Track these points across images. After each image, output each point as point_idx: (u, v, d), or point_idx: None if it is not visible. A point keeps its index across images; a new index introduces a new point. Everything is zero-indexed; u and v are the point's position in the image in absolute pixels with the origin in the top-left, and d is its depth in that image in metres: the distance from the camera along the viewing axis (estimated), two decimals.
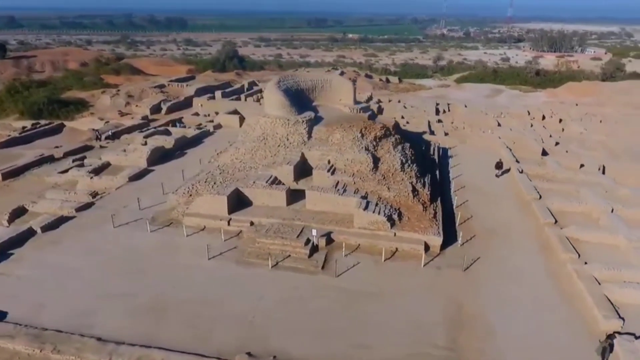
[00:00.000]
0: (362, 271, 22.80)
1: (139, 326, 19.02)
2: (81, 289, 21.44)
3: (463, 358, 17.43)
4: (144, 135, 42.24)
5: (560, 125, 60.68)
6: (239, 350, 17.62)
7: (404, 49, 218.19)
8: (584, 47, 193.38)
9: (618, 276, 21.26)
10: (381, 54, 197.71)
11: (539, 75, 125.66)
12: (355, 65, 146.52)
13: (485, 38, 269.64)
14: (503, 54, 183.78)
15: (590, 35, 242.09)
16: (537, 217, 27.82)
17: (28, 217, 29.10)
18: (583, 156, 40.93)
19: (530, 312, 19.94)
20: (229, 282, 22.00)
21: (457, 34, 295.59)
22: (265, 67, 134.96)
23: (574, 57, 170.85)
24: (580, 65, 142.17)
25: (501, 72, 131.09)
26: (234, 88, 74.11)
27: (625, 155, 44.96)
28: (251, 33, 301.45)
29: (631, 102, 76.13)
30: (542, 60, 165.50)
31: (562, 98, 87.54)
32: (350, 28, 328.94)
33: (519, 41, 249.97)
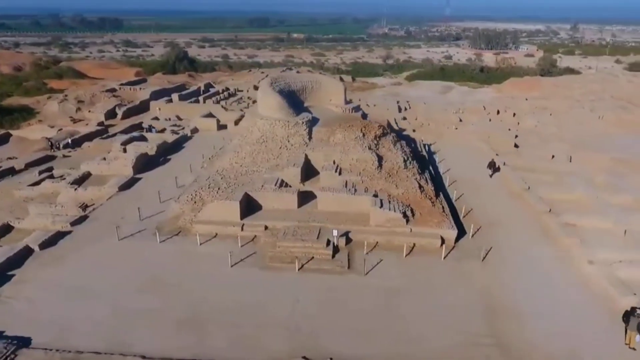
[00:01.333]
0: (388, 268, 23.27)
1: (181, 340, 18.39)
2: (103, 306, 20.34)
3: (507, 343, 18.33)
4: (121, 143, 40.31)
5: (515, 119, 64.15)
6: (292, 355, 17.52)
7: (350, 48, 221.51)
8: (518, 45, 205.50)
9: (621, 256, 23.10)
10: (329, 53, 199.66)
11: (483, 72, 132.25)
12: (305, 65, 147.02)
13: (426, 36, 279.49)
14: (445, 52, 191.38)
15: (521, 33, 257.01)
16: (532, 206, 29.57)
17: (16, 234, 27.18)
18: (548, 147, 43.81)
19: (551, 295, 21.26)
20: (260, 288, 21.70)
21: (399, 33, 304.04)
22: (216, 68, 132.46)
23: (508, 54, 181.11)
24: (517, 62, 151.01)
25: (448, 70, 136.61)
26: (190, 90, 72.31)
27: (580, 145, 48.52)
28: (192, 33, 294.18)
29: (572, 96, 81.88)
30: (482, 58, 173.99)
31: (508, 93, 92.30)
32: (293, 28, 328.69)
33: (457, 39, 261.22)
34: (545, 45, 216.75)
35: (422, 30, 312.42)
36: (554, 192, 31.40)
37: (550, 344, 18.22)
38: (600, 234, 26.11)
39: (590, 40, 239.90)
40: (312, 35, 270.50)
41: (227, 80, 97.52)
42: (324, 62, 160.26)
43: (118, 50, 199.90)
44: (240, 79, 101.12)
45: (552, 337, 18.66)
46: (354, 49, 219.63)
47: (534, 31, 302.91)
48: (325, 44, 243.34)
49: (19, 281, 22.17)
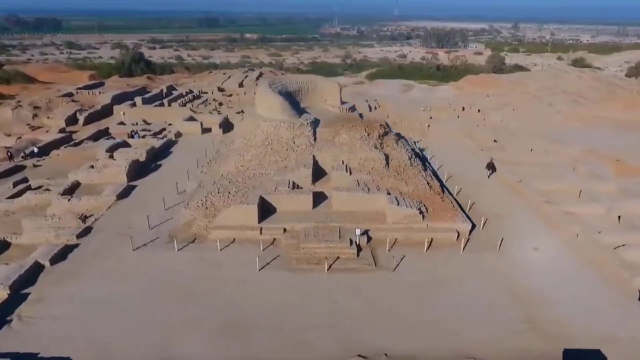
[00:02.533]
0: (412, 263, 23.92)
1: (228, 347, 18.16)
2: (136, 319, 19.69)
3: (540, 327, 19.40)
4: (106, 149, 38.68)
5: (480, 115, 66.98)
6: (345, 354, 17.74)
7: (305, 48, 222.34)
8: (466, 43, 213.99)
9: (622, 241, 24.95)
10: (285, 53, 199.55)
11: (439, 70, 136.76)
12: (263, 66, 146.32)
13: (378, 36, 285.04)
14: (399, 51, 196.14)
15: (467, 32, 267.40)
16: (529, 197, 31.20)
17: (14, 251, 25.67)
18: (521, 141, 46.22)
19: (568, 280, 22.68)
20: (293, 291, 21.72)
21: (351, 33, 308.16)
22: (174, 70, 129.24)
23: (459, 52, 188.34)
24: (468, 60, 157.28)
25: (406, 68, 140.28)
26: (153, 93, 70.41)
27: (548, 138, 51.49)
28: (139, 34, 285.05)
29: (528, 91, 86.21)
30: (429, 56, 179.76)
31: (467, 90, 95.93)
32: (244, 28, 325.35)
33: (408, 39, 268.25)
34: (491, 43, 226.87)
35: (373, 30, 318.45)
36: (544, 183, 33.27)
37: (579, 324, 19.48)
38: (597, 221, 28.03)
39: (532, 39, 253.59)
40: (265, 35, 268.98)
41: (189, 82, 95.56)
42: (283, 62, 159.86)
43: (62, 52, 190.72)
44: (202, 80, 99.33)
45: (578, 317, 19.95)
46: (309, 49, 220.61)
47: (478, 30, 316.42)
48: (279, 44, 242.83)
49: (36, 300, 21.00)
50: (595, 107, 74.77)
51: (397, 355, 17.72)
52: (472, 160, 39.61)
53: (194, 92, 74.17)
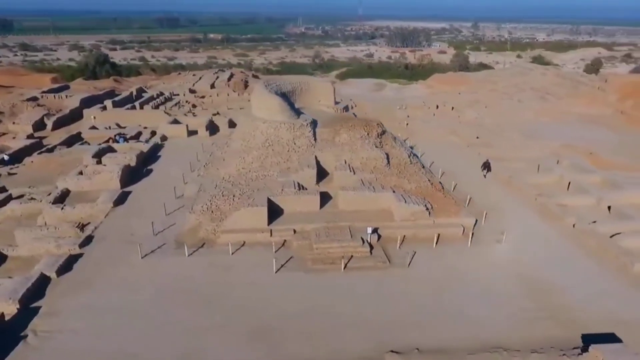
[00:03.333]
0: (424, 259, 24.45)
1: (260, 351, 18.09)
2: (161, 328, 19.30)
3: (556, 315, 20.31)
4: (92, 155, 37.41)
5: (454, 113, 68.80)
6: (378, 351, 18.01)
7: (272, 48, 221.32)
8: (430, 43, 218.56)
9: (616, 229, 26.36)
10: (251, 54, 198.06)
11: (407, 69, 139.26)
12: (231, 66, 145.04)
13: (343, 35, 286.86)
14: (366, 50, 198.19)
15: (429, 32, 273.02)
16: (522, 191, 32.41)
17: (12, 263, 24.64)
18: (499, 137, 47.89)
19: (573, 268, 23.81)
20: (313, 291, 21.81)
21: (316, 32, 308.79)
22: (141, 72, 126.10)
23: (423, 51, 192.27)
24: (433, 59, 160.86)
25: (375, 68, 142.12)
26: (123, 96, 68.69)
27: (522, 134, 53.52)
28: (96, 35, 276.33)
29: (496, 89, 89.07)
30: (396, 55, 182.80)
31: (437, 89, 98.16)
32: (206, 28, 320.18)
33: (372, 38, 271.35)
34: (453, 42, 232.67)
35: (338, 30, 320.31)
36: (534, 177, 34.63)
37: (590, 310, 20.51)
38: (589, 212, 29.48)
39: (492, 38, 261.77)
40: (230, 36, 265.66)
41: (158, 84, 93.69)
42: (251, 63, 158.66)
43: (16, 54, 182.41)
44: (171, 82, 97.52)
45: (588, 304, 20.99)
46: (275, 49, 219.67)
47: (440, 29, 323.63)
48: (245, 44, 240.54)
49: (49, 313, 20.21)
50: (561, 102, 78.18)
51: (428, 348, 18.13)
52: (461, 156, 40.69)
53: (165, 94, 72.75)
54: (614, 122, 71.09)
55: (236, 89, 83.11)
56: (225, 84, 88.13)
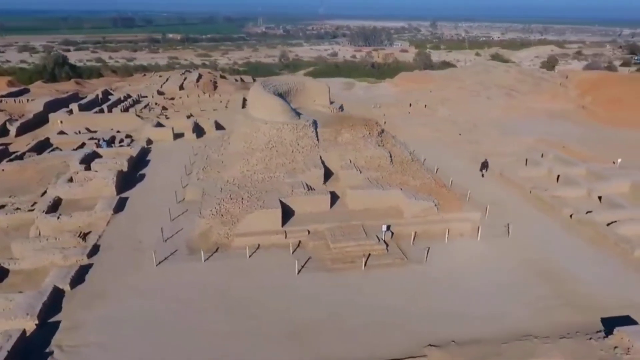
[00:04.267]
0: (438, 254, 25.04)
1: (302, 353, 18.07)
2: (190, 337, 18.90)
3: (572, 301, 21.32)
4: (79, 161, 35.91)
5: (427, 110, 70.45)
6: (418, 345, 18.38)
7: (234, 48, 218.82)
8: (392, 42, 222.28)
9: (610, 218, 27.91)
10: (214, 54, 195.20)
11: (374, 68, 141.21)
12: (194, 66, 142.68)
13: (305, 35, 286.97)
14: (329, 50, 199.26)
15: (390, 31, 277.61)
16: (516, 185, 33.71)
17: (15, 278, 23.47)
18: (478, 133, 49.61)
19: (578, 256, 25.05)
20: (339, 290, 21.95)
21: (278, 32, 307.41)
22: (103, 74, 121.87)
23: (385, 50, 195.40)
24: (396, 58, 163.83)
25: (343, 67, 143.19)
26: (89, 99, 66.46)
27: (499, 129, 55.60)
28: (47, 35, 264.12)
29: (463, 87, 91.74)
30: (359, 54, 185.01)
31: (405, 87, 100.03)
32: (163, 27, 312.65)
33: (334, 37, 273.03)
34: (414, 41, 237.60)
35: (299, 29, 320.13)
36: (524, 171, 36.08)
37: (602, 295, 21.66)
38: (581, 202, 31.04)
39: (450, 36, 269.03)
40: (189, 35, 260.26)
41: (124, 87, 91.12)
42: (216, 63, 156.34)
43: None
44: (137, 84, 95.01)
45: (599, 289, 22.16)
46: (238, 49, 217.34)
47: (399, 28, 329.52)
48: (206, 44, 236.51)
49: (71, 327, 19.40)
50: (526, 99, 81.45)
51: (464, 340, 18.67)
52: (448, 153, 41.78)
53: (133, 97, 70.76)
54: (576, 116, 74.82)
55: (206, 90, 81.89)
56: (194, 85, 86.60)
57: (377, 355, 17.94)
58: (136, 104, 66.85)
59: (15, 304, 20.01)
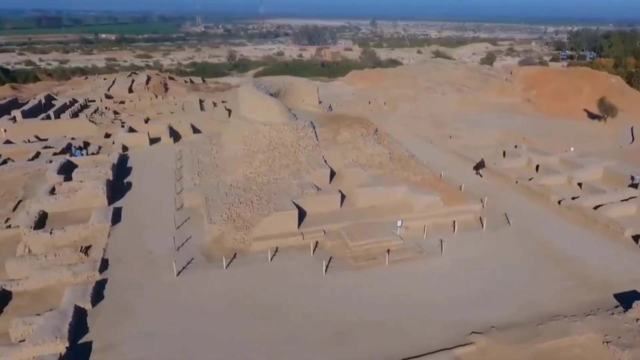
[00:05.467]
0: (452, 245, 25.94)
1: (353, 352, 18.21)
2: (235, 346, 18.50)
3: (585, 281, 22.93)
4: (57, 172, 33.59)
5: (387, 107, 72.28)
6: (460, 334, 19.11)
7: (174, 48, 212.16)
8: (336, 40, 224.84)
9: (595, 202, 30.22)
10: (154, 54, 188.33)
11: (324, 67, 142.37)
12: (135, 68, 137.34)
13: (246, 34, 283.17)
14: (274, 49, 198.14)
15: (330, 29, 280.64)
16: (503, 176, 35.55)
17: (21, 300, 21.77)
18: (447, 128, 51.80)
19: (577, 239, 26.91)
20: (370, 287, 22.28)
21: (218, 31, 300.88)
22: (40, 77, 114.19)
23: (330, 49, 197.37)
24: (347, 57, 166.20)
25: (292, 66, 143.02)
26: (31, 105, 62.40)
27: (465, 124, 58.25)
28: None
29: (416, 84, 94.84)
30: (305, 54, 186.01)
31: (358, 85, 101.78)
32: (94, 27, 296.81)
33: (276, 36, 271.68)
34: (357, 40, 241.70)
35: (240, 28, 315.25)
36: (505, 162, 38.12)
37: (608, 272, 23.55)
38: (564, 189, 33.33)
39: (390, 35, 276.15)
40: (124, 36, 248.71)
41: (67, 91, 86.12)
42: (160, 64, 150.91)
43: None
44: (80, 87, 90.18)
45: (604, 267, 24.03)
46: (179, 49, 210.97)
47: (340, 27, 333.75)
48: (143, 44, 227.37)
49: (104, 347, 18.33)
50: (477, 94, 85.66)
51: (501, 325, 19.62)
52: (428, 148, 43.19)
53: (80, 101, 67.07)
54: (524, 109, 79.73)
55: (157, 92, 79.17)
56: (143, 87, 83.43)
57: (425, 348, 18.41)
58: (84, 108, 63.57)
59: (37, 328, 18.59)
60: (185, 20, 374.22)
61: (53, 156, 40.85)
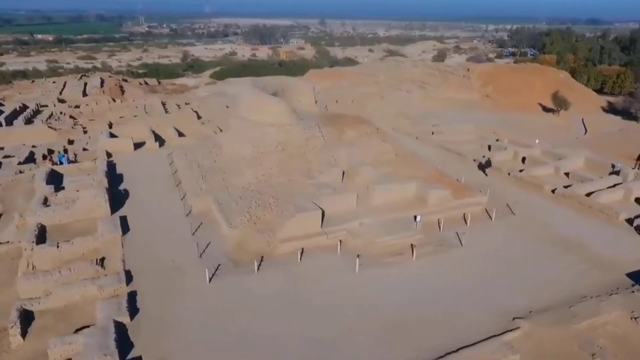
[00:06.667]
0: (469, 237, 26.99)
1: (406, 347, 18.60)
2: (288, 347, 18.41)
3: (598, 263, 24.62)
4: (44, 182, 31.54)
5: (355, 105, 73.31)
6: (503, 320, 20.01)
7: (119, 49, 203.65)
8: (287, 39, 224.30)
9: (586, 190, 32.34)
10: (98, 56, 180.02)
11: (281, 66, 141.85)
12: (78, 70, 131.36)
13: (194, 34, 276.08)
14: (227, 49, 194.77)
15: (278, 29, 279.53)
16: (494, 168, 37.20)
17: (45, 319, 20.52)
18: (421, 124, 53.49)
19: (577, 225, 28.76)
20: (403, 282, 22.79)
21: (164, 31, 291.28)
22: None
23: (282, 48, 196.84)
24: (302, 55, 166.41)
25: (250, 66, 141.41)
26: None
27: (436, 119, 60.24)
28: None
29: (379, 82, 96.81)
30: (258, 53, 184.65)
31: (320, 85, 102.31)
32: (27, 27, 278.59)
33: (225, 36, 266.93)
34: (309, 39, 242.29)
35: (187, 28, 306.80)
36: (494, 156, 39.88)
37: (614, 254, 25.37)
38: (553, 179, 35.39)
39: (340, 33, 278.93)
40: (62, 36, 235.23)
41: (14, 95, 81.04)
42: (109, 66, 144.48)
43: None
44: (29, 91, 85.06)
45: (609, 250, 25.85)
46: (124, 50, 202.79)
47: (288, 26, 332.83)
48: (84, 45, 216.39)
49: None
50: (438, 91, 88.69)
51: (539, 309, 20.71)
52: (421, 144, 44.39)
53: (32, 107, 63.27)
54: (484, 104, 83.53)
55: (113, 96, 76.02)
56: (98, 90, 79.84)
57: (472, 337, 19.08)
58: (37, 114, 60.13)
59: (81, 346, 17.61)
60: (126, 19, 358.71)
61: (19, 165, 38.48)
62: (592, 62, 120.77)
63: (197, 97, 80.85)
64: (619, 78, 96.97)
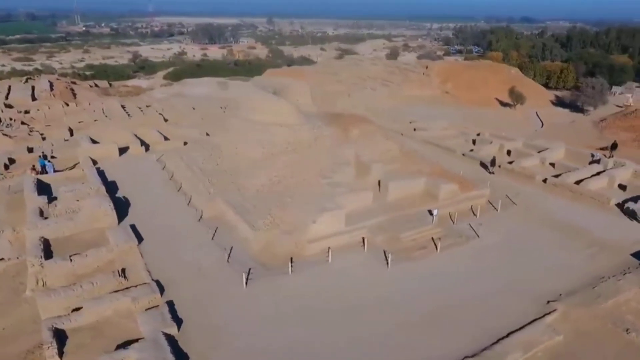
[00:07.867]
0: (482, 227, 28.12)
1: (455, 334, 19.23)
2: (349, 346, 18.51)
3: (605, 246, 26.30)
4: (37, 193, 29.48)
5: (321, 104, 73.97)
6: (538, 304, 21.10)
7: (57, 49, 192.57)
8: (237, 38, 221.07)
9: (575, 177, 34.49)
10: (36, 57, 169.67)
11: (237, 66, 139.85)
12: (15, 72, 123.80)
13: (137, 33, 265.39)
14: (176, 48, 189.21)
15: (226, 28, 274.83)
16: (485, 162, 38.79)
17: (80, 338, 19.34)
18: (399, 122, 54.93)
19: (573, 212, 30.61)
20: (434, 274, 23.36)
21: (104, 30, 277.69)
22: None
23: (233, 47, 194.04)
24: (257, 55, 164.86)
25: (204, 66, 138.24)
26: None
27: (410, 116, 62.00)
28: None
29: (342, 80, 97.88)
30: (210, 53, 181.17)
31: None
32: None
33: (171, 35, 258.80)
34: (258, 37, 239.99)
35: (128, 27, 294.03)
36: (481, 150, 41.59)
37: (615, 236, 27.20)
38: (540, 169, 37.46)
39: (289, 32, 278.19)
40: None
41: None
42: (53, 67, 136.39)
43: None
44: None
45: (610, 233, 27.59)
46: (63, 50, 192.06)
47: (235, 25, 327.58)
48: (17, 45, 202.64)
49: None
50: (400, 88, 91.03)
51: (566, 292, 21.98)
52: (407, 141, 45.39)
53: None
54: (445, 100, 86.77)
55: (65, 99, 72.12)
56: (48, 94, 75.47)
57: (515, 321, 19.99)
58: None
59: None
60: (60, 18, 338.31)
61: None
62: (536, 58, 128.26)
63: (155, 99, 77.83)
64: (562, 73, 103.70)
